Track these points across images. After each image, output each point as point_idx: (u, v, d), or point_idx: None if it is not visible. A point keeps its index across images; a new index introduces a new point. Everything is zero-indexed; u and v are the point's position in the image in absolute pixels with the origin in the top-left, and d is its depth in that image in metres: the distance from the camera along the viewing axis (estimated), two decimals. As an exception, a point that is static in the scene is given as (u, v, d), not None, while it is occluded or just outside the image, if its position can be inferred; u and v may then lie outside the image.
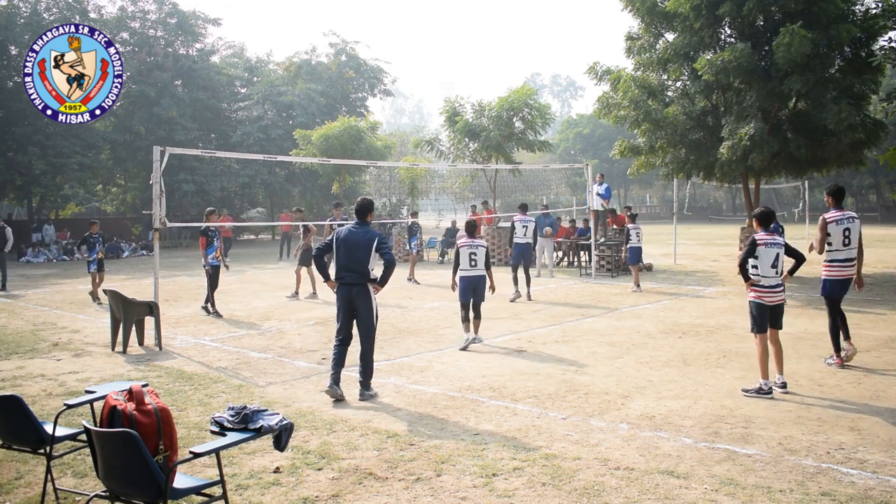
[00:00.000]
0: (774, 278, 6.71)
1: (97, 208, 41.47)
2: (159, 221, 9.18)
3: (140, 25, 35.78)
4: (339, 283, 6.71)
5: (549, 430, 5.57)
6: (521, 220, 13.52)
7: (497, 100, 22.03)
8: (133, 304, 9.34)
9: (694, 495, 4.32)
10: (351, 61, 42.46)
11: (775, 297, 6.74)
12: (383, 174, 32.21)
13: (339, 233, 6.74)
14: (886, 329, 9.64)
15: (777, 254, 6.70)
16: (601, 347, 8.73)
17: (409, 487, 4.52)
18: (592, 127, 57.95)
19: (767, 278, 6.70)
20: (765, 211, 6.95)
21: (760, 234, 6.82)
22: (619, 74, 16.19)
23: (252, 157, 19.35)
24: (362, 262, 6.61)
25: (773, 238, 6.74)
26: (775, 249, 6.69)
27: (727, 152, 14.20)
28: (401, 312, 11.88)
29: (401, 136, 57.08)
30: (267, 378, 7.49)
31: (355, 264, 6.62)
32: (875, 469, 4.71)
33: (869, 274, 16.35)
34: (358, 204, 6.98)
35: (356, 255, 6.61)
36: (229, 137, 37.41)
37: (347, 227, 6.81)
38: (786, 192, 46.08)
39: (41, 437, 4.11)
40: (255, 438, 3.77)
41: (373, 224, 7.41)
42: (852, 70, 14.60)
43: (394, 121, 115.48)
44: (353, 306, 6.65)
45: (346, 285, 6.65)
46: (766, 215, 6.88)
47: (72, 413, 6.19)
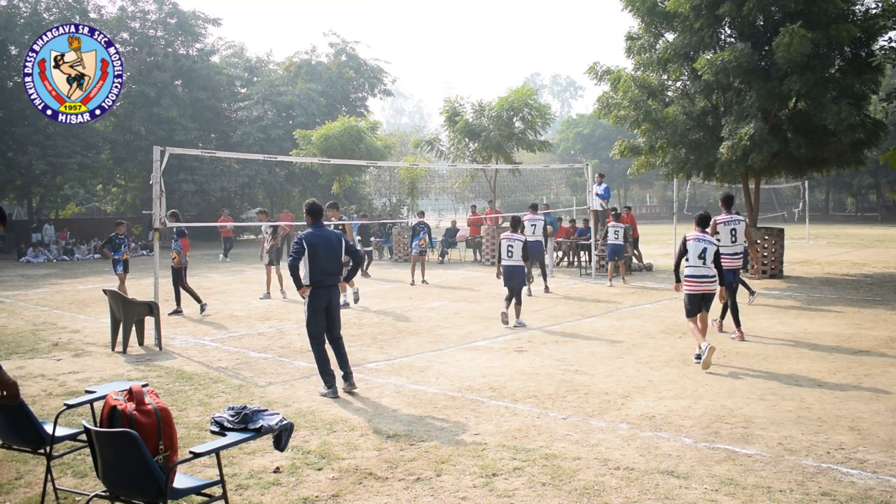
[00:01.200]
0: (701, 269, 7.88)
1: (97, 208, 41.47)
2: (159, 221, 9.18)
3: (140, 25, 35.77)
4: (319, 287, 6.79)
5: (549, 430, 5.57)
6: (531, 219, 14.22)
7: (497, 100, 22.03)
8: (133, 304, 9.35)
9: (694, 495, 4.32)
10: (351, 61, 42.44)
11: (703, 287, 7.91)
12: (383, 174, 32.22)
13: (309, 239, 6.78)
14: (886, 329, 9.64)
15: (704, 248, 7.89)
16: (601, 347, 8.72)
17: (409, 487, 4.52)
18: (592, 127, 57.91)
19: (694, 268, 7.91)
20: (703, 214, 8.31)
21: (691, 232, 8.13)
22: (619, 74, 16.19)
23: (252, 157, 19.36)
24: (340, 264, 6.97)
25: (702, 236, 8.01)
26: (702, 244, 7.92)
27: (727, 152, 14.20)
28: (401, 312, 11.88)
29: (401, 136, 57.08)
30: (267, 378, 7.49)
31: (335, 267, 6.91)
32: (875, 469, 4.71)
33: (869, 274, 16.36)
34: (311, 206, 7.04)
35: (336, 259, 6.88)
36: (229, 137, 37.40)
37: (313, 232, 6.86)
38: (786, 192, 46.07)
39: (41, 436, 4.11)
40: (255, 438, 3.77)
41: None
42: (852, 70, 14.59)
43: (394, 121, 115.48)
44: (331, 305, 6.91)
45: (328, 287, 6.85)
46: (703, 218, 8.25)
47: (72, 413, 6.19)
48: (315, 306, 6.80)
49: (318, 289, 6.78)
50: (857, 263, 18.78)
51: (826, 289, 13.93)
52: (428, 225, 16.82)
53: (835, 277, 15.82)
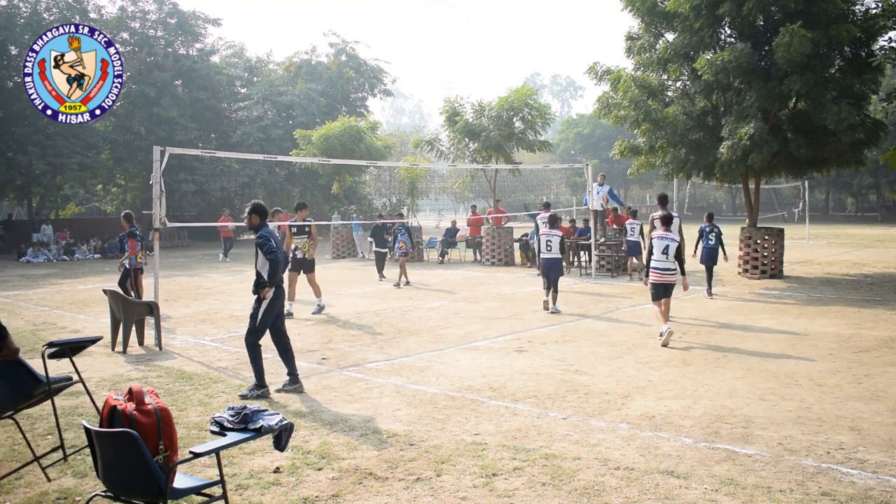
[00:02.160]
0: (664, 262, 9.14)
1: (97, 208, 41.48)
2: (159, 221, 9.18)
3: (140, 25, 35.79)
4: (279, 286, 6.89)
5: (549, 430, 5.57)
6: (542, 217, 14.38)
7: (497, 100, 22.02)
8: (133, 304, 9.35)
9: (694, 495, 4.32)
10: (351, 61, 42.46)
11: (665, 278, 9.16)
12: (383, 174, 32.24)
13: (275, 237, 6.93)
14: (886, 329, 9.64)
15: (666, 245, 9.14)
16: (601, 347, 8.73)
17: (409, 487, 4.52)
18: (592, 127, 57.94)
19: (658, 262, 9.17)
20: (665, 214, 9.49)
21: (656, 231, 9.39)
22: (619, 74, 16.18)
23: (252, 157, 19.35)
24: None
25: (665, 234, 9.22)
26: (665, 242, 9.16)
27: (727, 152, 14.20)
28: (401, 312, 11.88)
29: (401, 136, 57.07)
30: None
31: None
32: (875, 469, 4.71)
33: (869, 274, 16.36)
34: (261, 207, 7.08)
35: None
36: (229, 137, 37.41)
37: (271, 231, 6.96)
38: (786, 192, 46.09)
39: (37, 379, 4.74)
40: (255, 438, 3.77)
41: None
42: (852, 70, 14.59)
43: (394, 121, 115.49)
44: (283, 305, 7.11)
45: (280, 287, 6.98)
46: (666, 218, 9.46)
47: (72, 413, 6.21)
48: (276, 306, 6.83)
49: (279, 287, 6.87)
50: (857, 263, 18.78)
51: (826, 289, 13.93)
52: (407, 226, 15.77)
53: (835, 277, 15.82)
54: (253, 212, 6.96)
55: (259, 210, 6.98)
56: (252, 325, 6.78)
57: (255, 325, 6.77)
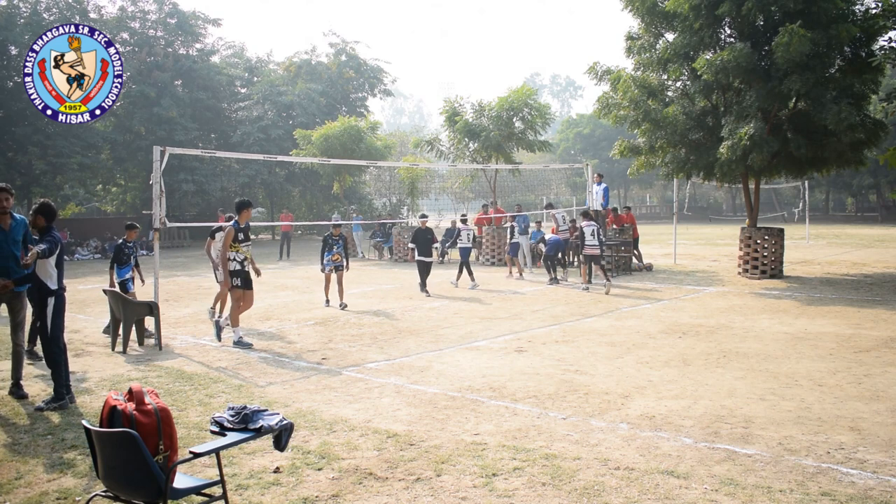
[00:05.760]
0: (593, 241, 14.00)
1: (97, 208, 41.47)
2: (159, 221, 9.18)
3: (140, 25, 35.78)
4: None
5: (549, 430, 5.57)
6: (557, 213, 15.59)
7: (497, 100, 22.03)
8: (133, 304, 9.35)
9: (694, 495, 4.32)
10: (351, 61, 42.46)
11: (592, 251, 14.08)
12: (383, 174, 32.19)
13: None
14: (886, 329, 9.64)
15: (593, 230, 13.95)
16: (601, 347, 8.73)
17: (409, 487, 4.52)
18: (592, 127, 57.92)
19: (589, 241, 14.01)
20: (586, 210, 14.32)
21: (584, 222, 14.22)
22: (619, 74, 16.19)
23: (252, 157, 19.35)
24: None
25: (589, 224, 14.06)
26: (591, 227, 13.98)
27: (727, 152, 14.20)
28: (401, 312, 11.88)
29: (401, 136, 57.08)
30: (267, 378, 7.49)
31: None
32: (875, 469, 4.71)
33: (869, 274, 16.36)
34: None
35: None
36: (229, 137, 37.41)
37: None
38: (786, 192, 46.09)
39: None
40: (255, 438, 3.77)
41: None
42: (852, 70, 14.58)
43: (394, 121, 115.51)
44: None
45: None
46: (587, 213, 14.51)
47: (72, 413, 6.21)
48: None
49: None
50: (857, 263, 18.78)
51: (826, 289, 13.93)
52: (343, 237, 12.84)
53: (835, 277, 15.82)
54: (39, 212, 6.64)
55: (46, 211, 6.67)
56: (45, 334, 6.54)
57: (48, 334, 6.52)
